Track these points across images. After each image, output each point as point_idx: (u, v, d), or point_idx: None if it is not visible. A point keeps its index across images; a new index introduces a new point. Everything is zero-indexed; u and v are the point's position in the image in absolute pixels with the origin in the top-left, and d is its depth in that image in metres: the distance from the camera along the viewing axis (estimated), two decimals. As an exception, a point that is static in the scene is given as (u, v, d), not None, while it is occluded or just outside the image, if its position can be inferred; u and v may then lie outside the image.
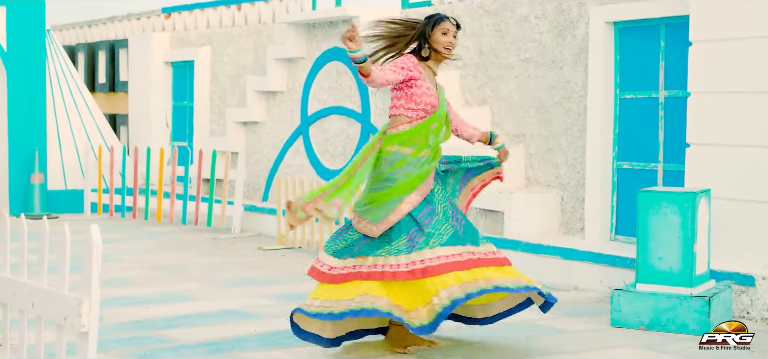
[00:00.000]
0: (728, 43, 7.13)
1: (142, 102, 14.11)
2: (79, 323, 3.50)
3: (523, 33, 9.05)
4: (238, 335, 6.27)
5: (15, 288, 4.01)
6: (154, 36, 13.95)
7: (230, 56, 12.81)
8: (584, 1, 8.51)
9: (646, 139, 8.16)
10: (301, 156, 11.30)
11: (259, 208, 11.45)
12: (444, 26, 5.63)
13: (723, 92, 7.18)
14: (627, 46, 8.24)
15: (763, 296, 6.71)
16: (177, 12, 14.07)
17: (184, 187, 12.00)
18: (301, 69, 11.28)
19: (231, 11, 13.02)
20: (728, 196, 7.09)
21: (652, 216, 6.57)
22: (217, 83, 13.06)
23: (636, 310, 6.55)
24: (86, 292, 3.51)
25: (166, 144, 13.83)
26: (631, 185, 8.22)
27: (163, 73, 13.92)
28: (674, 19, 7.86)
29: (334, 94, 10.81)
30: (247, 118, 11.95)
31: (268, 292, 7.81)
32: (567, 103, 8.66)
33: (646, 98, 8.16)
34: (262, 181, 11.95)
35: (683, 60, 7.74)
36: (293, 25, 11.15)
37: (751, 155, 7.04)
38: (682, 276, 6.48)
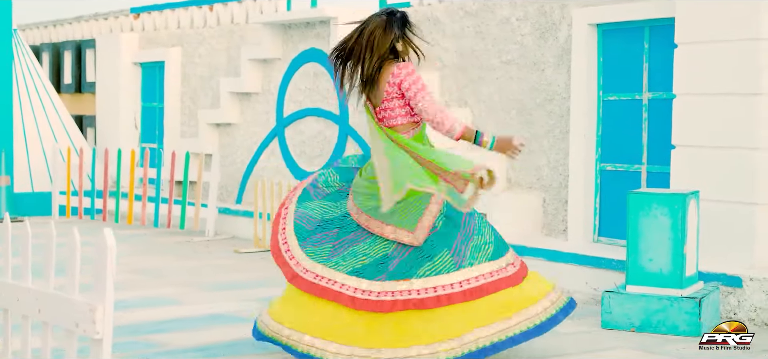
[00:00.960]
0: (714, 45, 7.16)
1: (110, 103, 13.94)
2: (93, 329, 3.41)
3: (504, 35, 9.03)
4: (229, 339, 6.19)
5: (19, 293, 3.91)
6: (123, 36, 13.79)
7: (202, 57, 12.69)
8: (567, 3, 8.52)
9: (629, 141, 8.18)
10: (276, 158, 11.21)
11: (234, 210, 11.34)
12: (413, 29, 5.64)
13: (709, 93, 7.21)
14: (610, 48, 8.26)
15: (751, 297, 6.74)
16: (146, 12, 13.92)
17: (156, 189, 11.85)
18: (277, 70, 11.19)
19: (202, 12, 12.90)
20: (714, 197, 7.12)
21: (642, 218, 6.57)
22: (188, 84, 12.93)
23: (626, 312, 6.55)
24: (100, 297, 3.43)
25: (135, 146, 13.67)
26: (614, 186, 8.24)
27: (131, 74, 13.77)
28: (658, 21, 7.88)
29: (311, 95, 10.73)
30: (221, 119, 11.84)
31: (252, 296, 7.72)
32: (549, 105, 8.66)
33: (630, 99, 8.18)
34: (236, 183, 11.85)
35: (667, 62, 7.77)
36: (268, 25, 11.06)
37: (736, 157, 7.08)
38: (673, 278, 6.50)
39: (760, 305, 6.69)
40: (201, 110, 12.22)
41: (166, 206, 11.79)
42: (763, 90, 6.96)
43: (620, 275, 7.45)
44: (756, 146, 7.00)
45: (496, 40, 9.11)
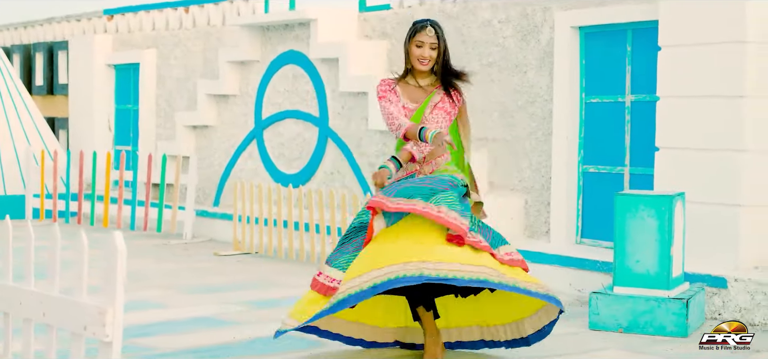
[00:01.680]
0: (698, 48, 7.23)
1: (83, 105, 13.84)
2: (103, 332, 3.39)
3: (485, 37, 9.06)
4: (218, 342, 6.16)
5: (21, 297, 3.87)
6: (96, 38, 13.70)
7: (177, 59, 12.63)
8: (549, 6, 8.56)
9: (612, 143, 8.23)
10: (254, 161, 11.18)
11: (211, 213, 11.29)
12: (417, 39, 5.36)
13: (692, 96, 7.28)
14: (593, 51, 8.31)
15: (735, 297, 6.81)
16: (120, 14, 13.83)
17: (132, 192, 11.78)
18: (255, 72, 11.16)
19: (178, 13, 12.84)
20: (698, 199, 7.18)
21: (629, 219, 6.61)
22: (163, 86, 12.86)
23: (614, 313, 6.59)
24: (110, 300, 3.40)
25: (108, 148, 13.58)
26: (596, 188, 8.29)
27: (105, 76, 13.67)
28: (641, 24, 7.94)
29: (290, 97, 10.71)
30: (198, 122, 11.78)
31: (235, 298, 7.69)
32: (531, 107, 8.70)
33: (613, 102, 8.23)
34: (213, 186, 11.79)
35: (650, 65, 7.83)
36: (247, 27, 11.02)
37: (720, 159, 7.15)
38: (660, 279, 6.54)
39: (745, 305, 6.76)
40: (178, 113, 12.16)
41: (143, 209, 11.71)
42: (747, 93, 7.04)
43: (604, 276, 7.50)
44: (740, 148, 7.07)
45: (477, 43, 9.13)
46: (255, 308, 7.32)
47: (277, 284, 8.43)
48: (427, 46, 5.33)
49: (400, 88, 5.48)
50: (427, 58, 5.34)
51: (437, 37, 5.35)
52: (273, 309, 7.25)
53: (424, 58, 5.34)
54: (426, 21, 5.38)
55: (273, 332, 6.45)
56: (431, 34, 5.34)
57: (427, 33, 5.34)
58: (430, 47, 5.34)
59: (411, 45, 5.35)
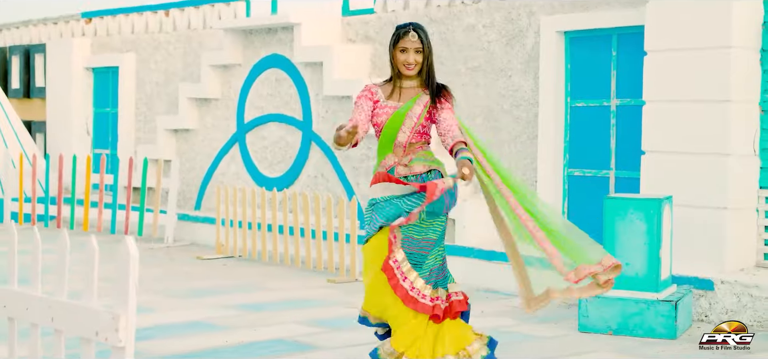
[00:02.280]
0: (684, 53, 7.30)
1: (61, 109, 13.77)
2: (116, 338, 3.39)
3: (470, 41, 9.11)
4: (212, 346, 6.16)
5: (28, 302, 3.86)
6: (75, 41, 13.63)
7: (157, 63, 12.59)
8: (534, 11, 8.62)
9: (597, 146, 8.29)
10: (237, 164, 11.16)
11: (193, 217, 11.27)
12: (401, 44, 5.22)
13: (679, 100, 7.35)
14: (578, 56, 8.37)
15: (722, 299, 6.89)
16: (98, 17, 13.76)
17: (113, 196, 11.73)
18: (237, 76, 11.15)
19: (158, 17, 12.79)
20: (684, 203, 7.25)
21: (618, 222, 6.68)
22: (142, 90, 12.82)
23: (603, 315, 6.65)
24: (123, 306, 3.41)
25: (86, 152, 13.51)
26: (582, 191, 8.35)
27: (83, 79, 13.61)
28: (626, 29, 8.02)
29: (273, 101, 10.71)
30: (179, 125, 11.76)
31: (223, 302, 7.69)
32: (516, 111, 8.75)
33: (598, 106, 8.30)
34: (194, 189, 11.77)
35: (635, 69, 7.91)
36: (229, 31, 11.01)
37: (705, 163, 7.23)
38: (649, 281, 6.61)
39: (731, 307, 6.84)
40: (159, 116, 12.12)
41: (123, 213, 11.66)
42: (733, 97, 7.12)
43: (591, 279, 7.55)
44: (726, 152, 7.15)
45: (462, 47, 9.18)
46: (244, 312, 7.32)
47: (264, 288, 8.43)
48: (412, 51, 5.22)
49: (384, 91, 5.36)
50: (412, 63, 5.22)
51: (421, 41, 5.24)
52: (262, 313, 7.26)
53: (409, 63, 5.22)
54: (408, 25, 5.25)
55: (264, 336, 6.50)
56: (414, 38, 5.22)
57: (411, 37, 5.22)
58: (415, 51, 5.22)
59: (395, 51, 5.24)
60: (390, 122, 5.22)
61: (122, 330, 3.39)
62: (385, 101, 5.31)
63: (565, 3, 8.43)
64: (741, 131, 7.21)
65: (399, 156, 5.28)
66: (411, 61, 5.20)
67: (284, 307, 7.54)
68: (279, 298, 7.95)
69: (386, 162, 5.29)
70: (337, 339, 6.38)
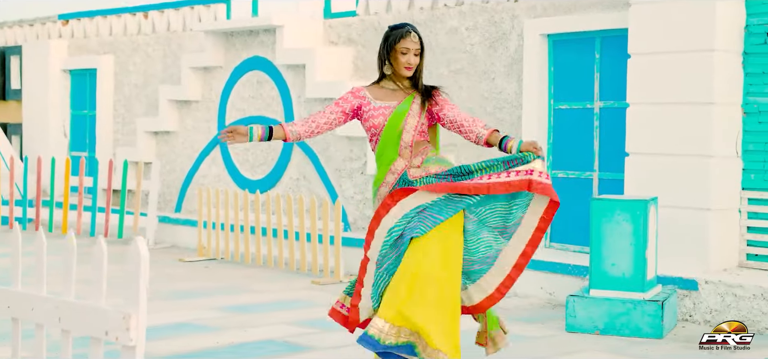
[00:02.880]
0: (667, 56, 7.40)
1: (37, 111, 13.70)
2: (127, 337, 3.41)
3: (453, 44, 9.17)
4: (203, 348, 6.17)
5: (33, 303, 3.87)
6: (51, 43, 13.57)
7: (136, 65, 12.56)
8: (517, 14, 8.69)
9: (581, 148, 8.37)
10: (218, 166, 11.16)
11: (173, 219, 11.25)
12: (403, 45, 5.19)
13: (662, 103, 7.45)
14: (561, 58, 8.45)
15: (706, 299, 6.98)
16: (75, 19, 13.70)
17: (92, 198, 11.69)
18: (218, 78, 11.15)
19: (136, 19, 12.76)
20: (668, 204, 7.34)
21: (605, 224, 6.75)
22: (121, 92, 12.78)
23: (591, 315, 6.72)
24: (134, 305, 3.43)
25: (63, 154, 13.45)
26: (565, 193, 8.41)
27: (60, 81, 13.55)
28: (609, 32, 8.10)
29: (255, 103, 10.72)
30: (159, 127, 11.74)
31: (208, 304, 7.70)
32: (499, 113, 8.82)
33: (581, 108, 8.38)
34: (175, 191, 11.75)
35: (618, 72, 8.00)
36: (211, 33, 11.01)
37: (689, 164, 7.32)
38: (635, 282, 6.69)
39: (715, 307, 6.93)
40: (139, 118, 12.10)
41: (102, 215, 11.63)
42: (716, 100, 7.22)
43: (574, 279, 7.64)
44: (709, 153, 7.25)
45: (445, 50, 9.24)
46: (231, 313, 7.33)
47: (249, 289, 8.44)
48: (412, 53, 5.20)
49: (371, 92, 5.30)
50: (412, 65, 5.22)
51: (420, 43, 5.25)
52: (249, 315, 7.28)
53: (410, 64, 5.20)
54: (407, 26, 5.22)
55: (254, 337, 6.51)
56: (415, 40, 5.21)
57: (412, 39, 5.21)
58: (415, 54, 5.21)
59: (395, 52, 5.20)
60: (391, 121, 5.16)
61: (133, 329, 3.42)
62: (375, 103, 5.26)
63: (549, 6, 8.51)
64: (724, 133, 7.31)
65: (407, 158, 5.21)
66: (412, 63, 5.18)
67: (271, 309, 7.56)
68: (265, 300, 7.97)
69: (395, 168, 5.19)
70: (329, 340, 6.41)
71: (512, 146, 5.02)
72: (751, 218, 7.43)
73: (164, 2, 12.39)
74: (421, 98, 5.25)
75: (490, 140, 5.07)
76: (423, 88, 5.29)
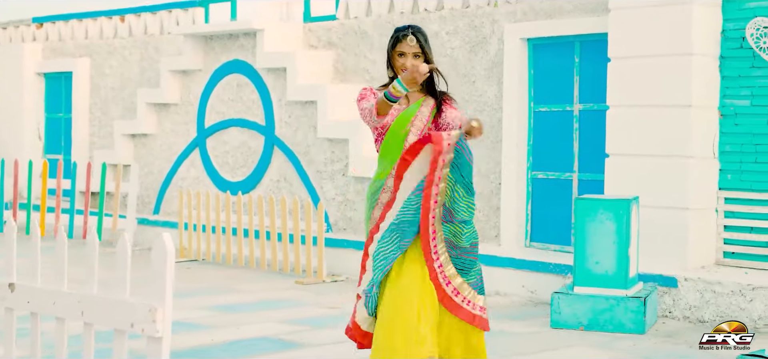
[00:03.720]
0: (646, 60, 7.60)
1: (12, 114, 13.68)
2: (153, 328, 3.52)
3: (434, 48, 9.26)
4: (199, 344, 6.28)
5: (55, 297, 3.97)
6: (26, 46, 13.57)
7: (112, 68, 12.60)
8: (498, 19, 8.86)
9: (560, 150, 8.56)
10: (197, 168, 11.24)
11: (152, 221, 11.31)
12: (399, 48, 5.12)
13: (641, 105, 7.65)
14: (541, 62, 8.63)
15: (685, 296, 7.19)
16: (50, 22, 13.71)
17: (70, 200, 11.72)
18: (197, 81, 11.23)
19: (113, 22, 12.80)
20: (647, 203, 7.54)
21: (588, 223, 6.93)
22: (97, 95, 12.82)
23: (575, 311, 6.90)
24: (160, 298, 3.55)
25: (37, 157, 13.45)
26: (545, 194, 8.61)
27: (35, 84, 13.56)
28: (588, 36, 8.29)
29: (235, 106, 10.81)
30: (137, 130, 11.79)
31: (197, 304, 7.78)
32: (480, 115, 8.98)
33: (561, 110, 8.57)
34: (153, 193, 11.81)
35: (597, 75, 8.19)
36: (190, 36, 11.09)
37: (668, 165, 7.53)
38: (618, 279, 6.88)
39: (694, 303, 7.14)
40: (116, 121, 12.14)
41: (81, 218, 11.66)
42: (693, 102, 7.43)
43: (555, 277, 7.82)
44: (687, 154, 7.46)
45: (426, 53, 9.37)
46: (220, 312, 7.43)
47: (234, 290, 8.54)
48: (410, 56, 5.09)
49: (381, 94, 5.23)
50: (408, 68, 4.98)
51: (420, 45, 5.12)
52: (239, 314, 7.38)
53: (404, 68, 5.06)
54: (407, 28, 5.13)
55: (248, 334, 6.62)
56: (413, 42, 5.10)
57: (409, 42, 5.10)
58: (413, 56, 5.10)
59: (393, 55, 5.14)
60: (399, 120, 5.12)
61: (160, 321, 3.53)
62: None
63: (529, 11, 8.69)
64: (701, 135, 7.52)
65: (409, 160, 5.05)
66: (409, 65, 5.05)
67: (260, 308, 7.66)
68: (252, 299, 8.07)
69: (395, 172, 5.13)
70: (321, 337, 6.53)
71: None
72: (728, 217, 7.65)
73: (141, 6, 12.44)
74: (433, 102, 5.19)
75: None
76: (439, 94, 5.22)
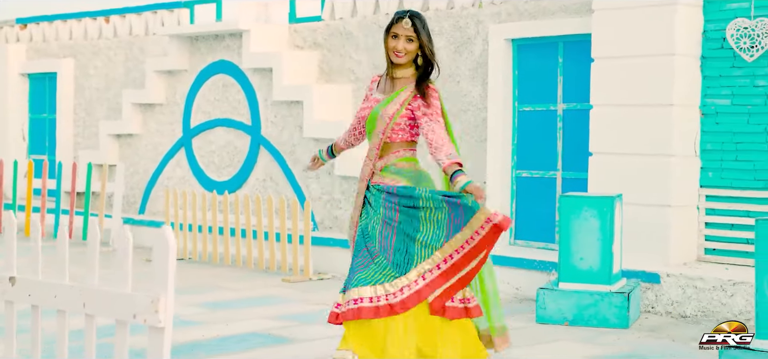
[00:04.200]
0: (629, 60, 7.74)
1: (-5, 115, 13.72)
2: (156, 319, 3.61)
3: (419, 48, 9.41)
4: (191, 340, 6.35)
5: (56, 290, 4.05)
6: (9, 47, 13.60)
7: (97, 69, 12.65)
8: (482, 20, 8.98)
9: (544, 149, 8.68)
10: (183, 168, 11.30)
11: (138, 221, 11.37)
12: (393, 30, 5.03)
13: (624, 104, 7.78)
14: (525, 62, 8.75)
15: (668, 292, 7.32)
16: (34, 23, 13.74)
17: (56, 200, 11.76)
18: (183, 81, 11.30)
19: (98, 23, 12.85)
20: (630, 201, 7.66)
21: (573, 220, 7.05)
22: (81, 96, 12.86)
23: (560, 307, 7.02)
24: (162, 289, 3.63)
25: (21, 157, 13.48)
26: (529, 192, 8.73)
27: (19, 85, 13.58)
28: (572, 37, 8.42)
29: (221, 106, 10.89)
30: (122, 130, 11.85)
31: (186, 301, 7.84)
32: (464, 115, 9.10)
33: (545, 110, 8.69)
34: (139, 193, 11.87)
35: (581, 75, 8.32)
36: (175, 37, 11.16)
37: (650, 163, 7.67)
38: (602, 275, 7.00)
39: (676, 299, 7.27)
40: (102, 121, 12.19)
41: (67, 217, 11.70)
42: (675, 102, 7.57)
43: (540, 274, 7.94)
44: (669, 152, 7.60)
45: (411, 54, 9.48)
46: (208, 309, 7.50)
47: (221, 287, 8.61)
48: (403, 39, 4.99)
49: (381, 82, 5.24)
50: (402, 51, 5.00)
51: (415, 30, 5.00)
52: (227, 310, 7.46)
53: (398, 50, 5.01)
54: (405, 12, 5.05)
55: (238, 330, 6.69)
56: (407, 25, 4.98)
57: (403, 24, 4.99)
58: (406, 39, 4.99)
59: (387, 37, 5.05)
60: (374, 111, 5.11)
61: (162, 311, 3.61)
62: (374, 93, 5.19)
63: (513, 12, 8.81)
64: (683, 133, 7.66)
65: (372, 159, 5.14)
66: (400, 49, 5.01)
67: (248, 304, 7.75)
68: (240, 297, 8.15)
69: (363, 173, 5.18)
70: (311, 332, 6.62)
71: (458, 183, 4.85)
72: (709, 214, 7.79)
73: (126, 7, 12.49)
74: (408, 93, 5.06)
75: (446, 170, 4.91)
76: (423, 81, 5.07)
